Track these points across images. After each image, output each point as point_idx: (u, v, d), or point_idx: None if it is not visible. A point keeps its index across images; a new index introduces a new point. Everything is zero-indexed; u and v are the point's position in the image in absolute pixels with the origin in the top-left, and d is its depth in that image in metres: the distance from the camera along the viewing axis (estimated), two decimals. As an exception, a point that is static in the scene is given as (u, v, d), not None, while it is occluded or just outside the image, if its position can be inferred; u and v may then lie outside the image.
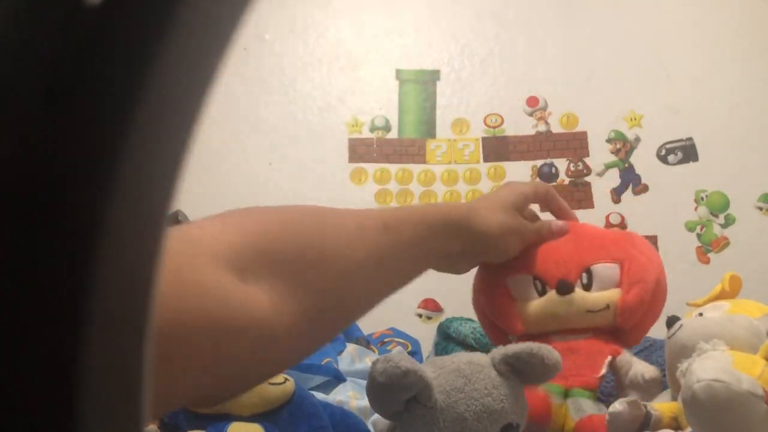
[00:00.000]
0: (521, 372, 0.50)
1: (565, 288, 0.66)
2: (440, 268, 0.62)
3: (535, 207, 0.76)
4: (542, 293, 0.68)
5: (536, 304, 0.67)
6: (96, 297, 0.13)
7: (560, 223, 0.72)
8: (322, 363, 0.89)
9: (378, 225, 0.48)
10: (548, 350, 0.49)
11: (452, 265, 0.62)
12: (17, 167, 0.12)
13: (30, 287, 0.12)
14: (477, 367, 0.49)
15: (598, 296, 0.66)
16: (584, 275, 0.67)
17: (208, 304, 0.34)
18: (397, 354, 0.46)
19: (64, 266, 0.12)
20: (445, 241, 0.55)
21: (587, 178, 1.96)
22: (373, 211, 0.51)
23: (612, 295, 0.66)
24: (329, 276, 0.43)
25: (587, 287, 0.67)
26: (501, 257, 0.66)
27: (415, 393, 0.46)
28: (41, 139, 0.12)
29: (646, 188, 1.93)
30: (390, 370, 0.44)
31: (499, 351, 0.50)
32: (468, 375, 0.48)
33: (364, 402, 0.79)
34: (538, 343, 0.50)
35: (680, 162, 1.94)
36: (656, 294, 0.68)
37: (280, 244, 0.40)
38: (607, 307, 0.65)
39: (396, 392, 0.46)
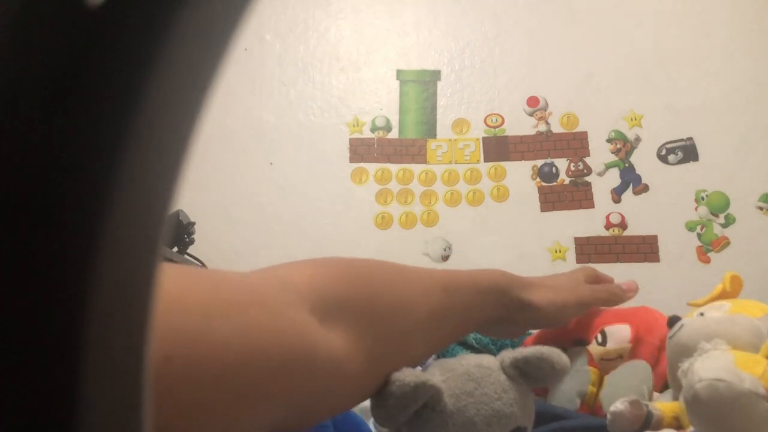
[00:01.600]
0: (529, 375, 0.49)
1: (580, 343, 0.73)
2: (489, 332, 0.67)
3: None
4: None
5: None
6: (96, 298, 0.13)
7: (629, 282, 0.76)
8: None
9: (438, 285, 0.52)
10: (558, 354, 0.49)
11: (501, 330, 0.66)
12: (18, 168, 0.12)
13: (30, 288, 0.12)
14: (486, 370, 0.48)
15: (610, 348, 0.73)
16: (599, 336, 0.73)
17: (296, 342, 0.37)
18: (400, 371, 0.46)
19: (64, 267, 0.12)
20: (491, 307, 0.58)
21: (587, 178, 1.96)
22: (434, 271, 0.55)
23: (624, 348, 0.72)
24: (395, 328, 0.47)
25: (602, 344, 0.73)
26: (555, 326, 0.71)
27: (425, 401, 0.46)
28: (41, 140, 0.12)
29: (646, 188, 1.93)
30: (398, 390, 0.44)
31: (508, 354, 0.50)
32: (477, 379, 0.48)
33: (365, 402, 0.79)
34: (547, 347, 0.50)
35: (680, 162, 1.94)
36: (661, 348, 0.72)
37: (357, 294, 0.45)
38: (620, 356, 0.70)
39: (408, 407, 0.46)
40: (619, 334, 0.73)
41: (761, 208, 1.88)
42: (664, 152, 1.96)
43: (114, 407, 0.13)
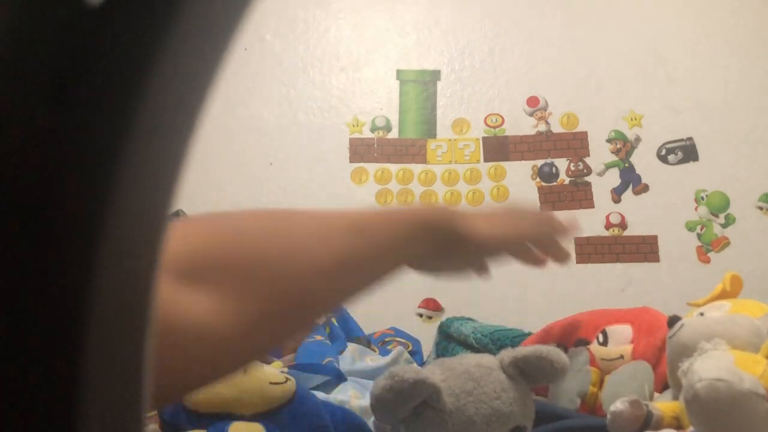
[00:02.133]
0: (529, 374, 0.50)
1: (580, 343, 0.74)
2: (427, 269, 0.61)
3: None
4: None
5: None
6: (97, 298, 0.13)
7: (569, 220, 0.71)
8: (324, 363, 0.89)
9: (343, 226, 0.48)
10: (557, 353, 0.49)
11: (439, 265, 0.61)
12: (18, 167, 0.12)
13: (30, 288, 0.12)
14: (486, 370, 0.49)
15: (611, 348, 0.71)
16: (600, 335, 0.72)
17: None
18: (400, 367, 0.46)
19: (64, 267, 0.12)
20: (420, 243, 0.55)
21: (587, 178, 1.96)
22: (342, 212, 0.51)
23: (626, 348, 0.71)
24: (284, 279, 0.43)
25: (603, 344, 0.73)
26: (492, 258, 0.65)
27: (424, 398, 0.46)
28: (43, 139, 0.12)
29: (646, 188, 1.93)
30: (397, 385, 0.44)
31: (507, 354, 0.50)
32: (477, 378, 0.48)
33: (365, 401, 0.79)
34: (546, 346, 0.50)
35: (680, 162, 1.94)
36: (663, 349, 0.72)
37: (230, 250, 0.41)
38: (621, 357, 0.70)
39: (406, 403, 0.46)
40: (620, 334, 0.73)
41: (761, 208, 1.88)
42: (664, 152, 1.96)
43: (114, 407, 0.13)
